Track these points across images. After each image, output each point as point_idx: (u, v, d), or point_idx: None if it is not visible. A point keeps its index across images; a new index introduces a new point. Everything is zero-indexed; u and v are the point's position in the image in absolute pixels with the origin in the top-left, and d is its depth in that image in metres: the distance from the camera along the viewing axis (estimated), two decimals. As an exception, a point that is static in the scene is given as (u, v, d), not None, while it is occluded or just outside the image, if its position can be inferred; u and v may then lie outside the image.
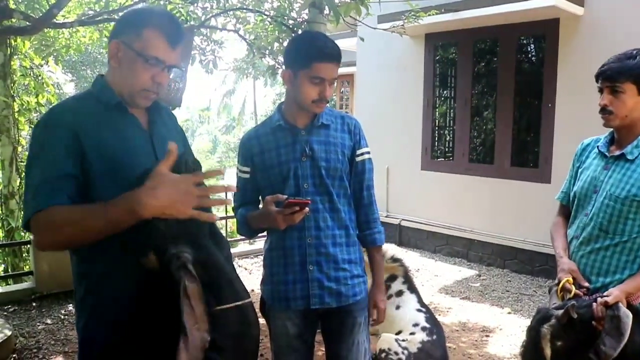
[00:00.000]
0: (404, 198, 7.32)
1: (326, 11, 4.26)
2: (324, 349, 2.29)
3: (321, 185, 2.06)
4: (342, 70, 9.51)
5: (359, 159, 2.14)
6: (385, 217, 7.30)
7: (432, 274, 6.23)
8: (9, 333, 4.01)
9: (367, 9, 3.34)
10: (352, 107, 11.12)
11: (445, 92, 7.67)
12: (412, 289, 3.68)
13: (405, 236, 7.37)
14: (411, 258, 6.68)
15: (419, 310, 3.54)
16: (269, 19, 4.94)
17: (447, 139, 7.58)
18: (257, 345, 1.54)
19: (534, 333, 1.96)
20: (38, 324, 4.67)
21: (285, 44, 5.02)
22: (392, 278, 3.61)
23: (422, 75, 7.25)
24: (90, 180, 1.45)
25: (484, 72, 7.16)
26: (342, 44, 8.93)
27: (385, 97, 7.67)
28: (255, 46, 5.12)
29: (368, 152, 2.18)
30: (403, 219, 7.34)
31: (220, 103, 33.70)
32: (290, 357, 2.16)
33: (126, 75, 1.56)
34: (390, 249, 3.68)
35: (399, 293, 3.61)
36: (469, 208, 6.74)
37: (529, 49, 6.94)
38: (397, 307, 3.54)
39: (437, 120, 7.47)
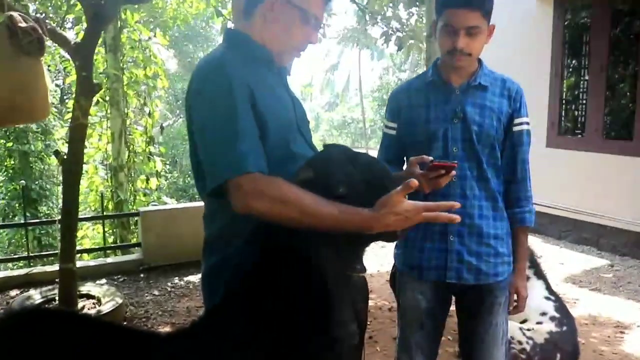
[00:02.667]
0: (525, 178, 7.03)
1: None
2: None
3: (471, 150, 1.97)
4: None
5: (516, 128, 2.03)
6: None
7: (556, 261, 5.96)
8: (120, 301, 4.30)
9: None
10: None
11: (575, 61, 7.24)
12: (540, 274, 3.52)
13: (526, 220, 7.08)
14: (533, 244, 6.39)
15: (547, 298, 3.39)
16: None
17: (577, 113, 7.17)
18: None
19: None
20: (146, 294, 4.97)
21: (400, 7, 4.93)
22: (517, 262, 3.48)
23: (549, 42, 6.87)
24: (264, 137, 1.45)
25: (623, 38, 6.68)
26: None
27: (507, 65, 7.30)
28: (368, 11, 5.06)
29: (527, 123, 2.06)
30: (523, 202, 7.05)
31: (323, 79, 33.92)
32: (417, 335, 2.11)
33: (280, 31, 1.56)
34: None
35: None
36: (601, 190, 6.35)
37: (680, 9, 6.38)
38: None
39: (565, 92, 7.08)
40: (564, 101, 7.05)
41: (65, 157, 4.04)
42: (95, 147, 7.72)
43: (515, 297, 2.12)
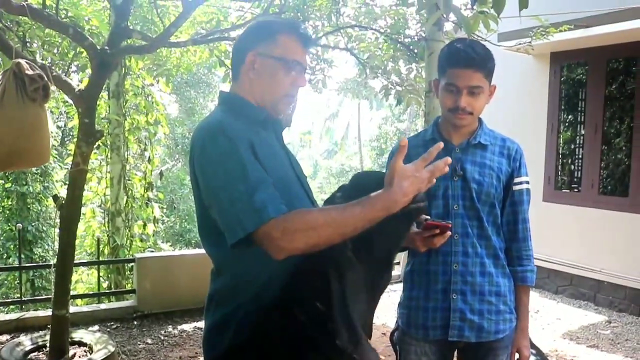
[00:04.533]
0: (522, 231, 7.01)
1: (445, 28, 4.23)
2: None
3: (472, 208, 1.99)
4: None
5: (516, 187, 2.06)
6: (500, 251, 7.00)
7: (553, 316, 5.91)
8: (112, 350, 4.22)
9: (497, 23, 3.27)
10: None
11: (571, 116, 7.35)
12: None
13: (523, 274, 7.03)
14: (530, 298, 6.37)
15: None
16: (382, 37, 4.98)
17: (574, 168, 7.24)
18: None
19: None
20: (139, 342, 4.89)
21: (400, 63, 5.03)
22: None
23: (545, 98, 6.99)
24: None
25: (618, 95, 6.80)
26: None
27: (503, 121, 7.44)
28: (368, 65, 5.17)
29: (527, 182, 2.10)
30: (520, 255, 7.01)
31: (323, 126, 34.18)
32: None
33: (267, 84, 1.61)
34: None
35: None
36: (598, 245, 6.35)
37: (673, 69, 6.51)
38: None
39: (561, 147, 7.15)
40: (560, 156, 7.12)
41: (63, 202, 4.04)
42: (94, 191, 7.73)
43: (517, 355, 2.11)
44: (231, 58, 1.74)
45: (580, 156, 6.98)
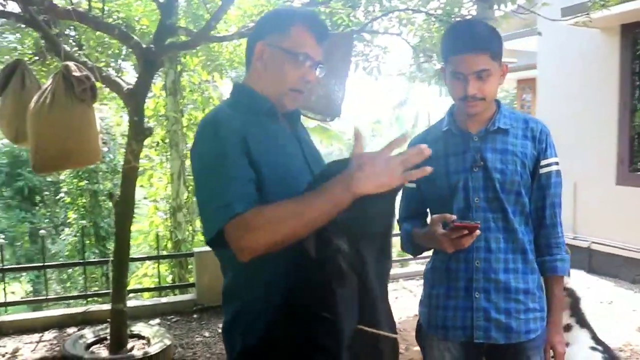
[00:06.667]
0: (595, 217, 6.70)
1: (496, 6, 4.07)
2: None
3: (495, 200, 1.87)
4: (521, 74, 9.13)
5: (543, 170, 1.91)
6: (573, 239, 6.72)
7: (629, 308, 5.61)
8: (168, 343, 4.35)
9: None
10: (534, 115, 10.59)
11: (646, 92, 6.92)
12: (583, 323, 3.27)
13: (596, 262, 6.72)
14: (603, 288, 6.09)
15: (593, 349, 3.13)
16: (433, 19, 4.83)
17: (650, 147, 6.83)
18: None
19: None
20: (196, 336, 5.01)
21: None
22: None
23: (617, 74, 6.62)
24: (260, 186, 1.44)
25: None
26: (519, 44, 8.52)
27: (571, 101, 7.14)
28: (420, 49, 5.04)
29: (556, 163, 1.93)
30: (594, 242, 6.69)
31: (392, 115, 33.96)
32: None
33: (274, 75, 1.59)
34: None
35: (567, 328, 3.21)
36: (678, 230, 5.99)
37: None
38: (566, 345, 3.18)
39: (636, 126, 6.76)
40: (635, 136, 6.73)
41: (117, 199, 4.18)
42: (156, 187, 7.96)
43: (551, 353, 1.98)
44: (246, 47, 1.70)
45: (657, 135, 6.58)
